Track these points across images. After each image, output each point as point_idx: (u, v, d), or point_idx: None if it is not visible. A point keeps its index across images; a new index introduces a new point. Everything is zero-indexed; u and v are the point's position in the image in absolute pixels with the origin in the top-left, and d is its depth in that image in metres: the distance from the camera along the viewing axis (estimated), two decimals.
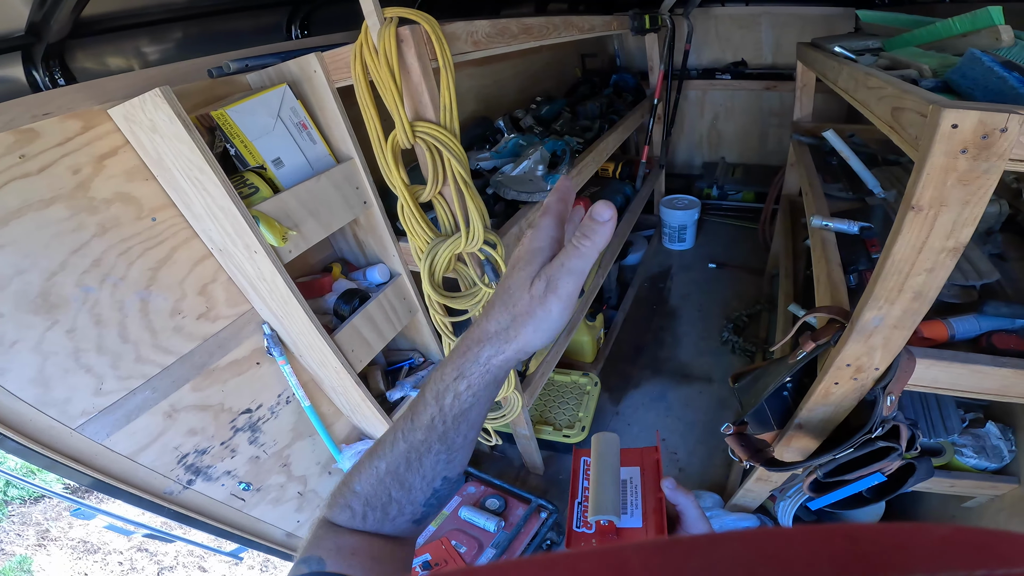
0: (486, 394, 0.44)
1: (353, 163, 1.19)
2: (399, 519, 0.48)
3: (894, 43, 1.26)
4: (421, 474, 0.46)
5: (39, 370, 0.95)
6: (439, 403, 0.44)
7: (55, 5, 0.81)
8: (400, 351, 1.76)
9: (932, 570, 0.12)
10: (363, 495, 0.47)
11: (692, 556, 0.14)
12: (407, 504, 0.47)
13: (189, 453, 1.26)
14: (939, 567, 0.12)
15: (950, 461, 1.22)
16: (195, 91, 1.08)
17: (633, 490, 0.53)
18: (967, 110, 0.56)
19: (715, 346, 2.46)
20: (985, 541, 0.13)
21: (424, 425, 0.45)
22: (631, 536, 0.51)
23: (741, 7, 3.02)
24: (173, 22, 1.14)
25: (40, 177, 0.91)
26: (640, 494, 0.53)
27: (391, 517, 0.47)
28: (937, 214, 0.63)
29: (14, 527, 2.76)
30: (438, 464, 0.46)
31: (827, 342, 0.89)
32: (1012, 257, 1.09)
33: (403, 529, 0.49)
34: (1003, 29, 0.88)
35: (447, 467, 0.47)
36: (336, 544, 0.46)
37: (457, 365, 0.43)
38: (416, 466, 0.46)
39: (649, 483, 0.54)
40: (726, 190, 3.36)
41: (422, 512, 0.49)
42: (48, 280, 0.95)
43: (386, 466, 0.46)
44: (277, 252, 1.06)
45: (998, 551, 0.13)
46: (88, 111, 0.94)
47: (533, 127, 2.00)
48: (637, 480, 0.54)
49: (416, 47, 0.90)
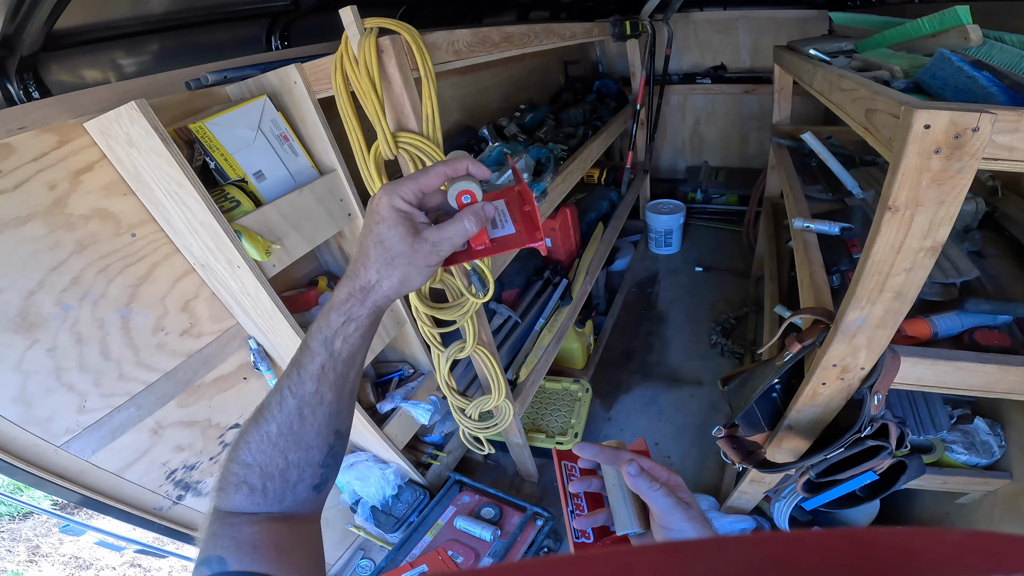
0: (370, 334, 0.49)
1: (336, 175, 1.18)
2: (300, 485, 0.47)
3: (866, 44, 1.28)
4: (316, 429, 0.47)
5: (21, 389, 0.95)
6: (328, 349, 0.46)
7: (27, 17, 0.80)
8: (389, 363, 1.75)
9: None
10: (256, 465, 0.46)
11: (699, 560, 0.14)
12: (306, 466, 0.47)
13: (178, 469, 1.24)
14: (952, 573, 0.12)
15: (940, 458, 1.23)
16: (173, 104, 1.07)
17: (502, 216, 0.54)
18: (939, 110, 0.56)
19: (704, 349, 2.47)
20: (998, 547, 0.13)
21: (314, 375, 0.46)
22: (509, 242, 0.53)
23: (719, 11, 3.07)
24: (149, 34, 1.13)
25: (16, 193, 0.90)
26: (508, 216, 0.54)
27: (292, 483, 0.46)
28: (914, 214, 0.63)
29: (4, 543, 2.70)
30: (330, 416, 0.47)
31: (813, 343, 0.89)
32: (990, 254, 1.11)
33: (304, 499, 0.48)
34: (971, 28, 0.90)
35: (338, 419, 0.49)
36: (235, 539, 0.43)
37: (343, 311, 0.47)
38: (310, 420, 0.46)
39: (514, 202, 0.55)
40: (710, 194, 3.39)
41: (321, 475, 0.49)
42: (27, 299, 0.94)
43: (277, 428, 0.46)
44: (261, 267, 1.04)
45: (1012, 556, 0.12)
46: (63, 125, 0.93)
47: (517, 135, 2.00)
48: (503, 208, 0.54)
49: (397, 57, 0.90)
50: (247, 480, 0.45)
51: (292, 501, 0.47)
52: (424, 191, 0.48)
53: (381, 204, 0.47)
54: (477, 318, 1.27)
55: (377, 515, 1.64)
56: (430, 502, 1.68)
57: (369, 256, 0.47)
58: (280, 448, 0.46)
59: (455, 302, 1.20)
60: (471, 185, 0.49)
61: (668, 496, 0.47)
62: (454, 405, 1.50)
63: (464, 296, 1.18)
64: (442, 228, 0.47)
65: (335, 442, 0.49)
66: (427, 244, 0.46)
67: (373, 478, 1.60)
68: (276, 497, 0.46)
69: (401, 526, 1.63)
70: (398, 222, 0.46)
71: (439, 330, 1.26)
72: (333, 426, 0.48)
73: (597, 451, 0.53)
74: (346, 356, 0.47)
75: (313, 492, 0.48)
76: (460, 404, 1.49)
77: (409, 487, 1.70)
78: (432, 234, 0.47)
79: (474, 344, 1.30)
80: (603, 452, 0.53)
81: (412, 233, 0.46)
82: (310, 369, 0.46)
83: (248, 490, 0.45)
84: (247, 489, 0.45)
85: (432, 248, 0.47)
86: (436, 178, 0.48)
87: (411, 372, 1.71)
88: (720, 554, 0.14)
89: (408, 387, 1.63)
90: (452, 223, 0.48)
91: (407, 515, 1.64)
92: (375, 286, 0.47)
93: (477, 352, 1.34)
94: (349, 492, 1.65)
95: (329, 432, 0.48)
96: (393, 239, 0.46)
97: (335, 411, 0.48)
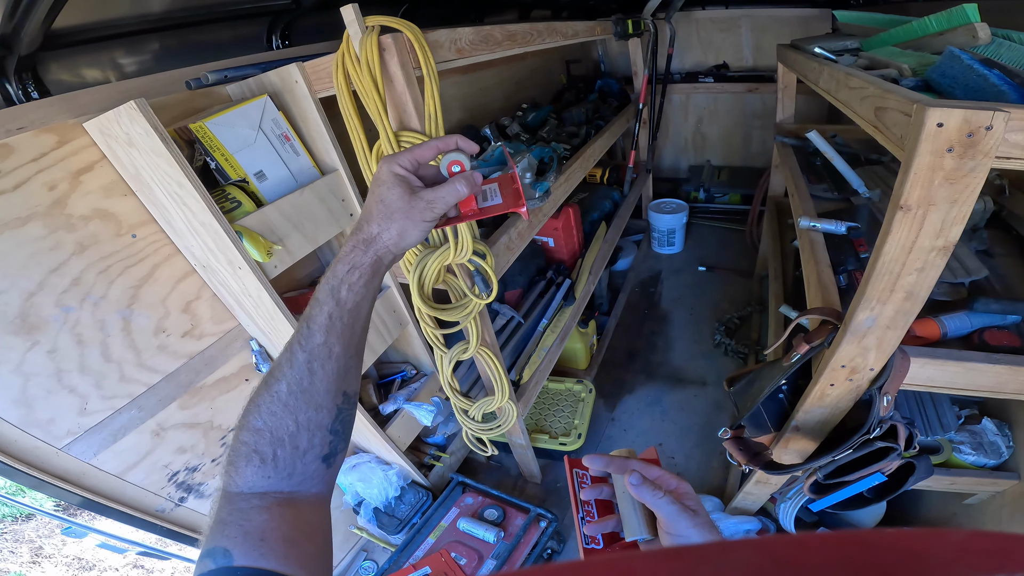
0: (373, 286, 0.53)
1: (338, 175, 1.17)
2: (309, 454, 0.47)
3: (871, 43, 1.27)
4: (325, 386, 0.48)
5: (21, 391, 0.94)
6: (335, 296, 0.50)
7: (25, 16, 0.79)
8: (392, 363, 1.74)
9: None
10: (267, 429, 0.46)
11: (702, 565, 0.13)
12: (316, 430, 0.48)
13: (180, 471, 1.24)
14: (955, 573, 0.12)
15: (948, 459, 1.22)
16: (173, 103, 1.06)
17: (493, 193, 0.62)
18: (952, 108, 0.56)
19: (708, 349, 2.46)
20: (1001, 546, 0.13)
21: (323, 326, 0.49)
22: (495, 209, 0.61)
23: (721, 10, 3.06)
24: (150, 33, 1.12)
25: (16, 194, 0.89)
26: (499, 193, 0.62)
27: (302, 451, 0.47)
28: (926, 213, 0.62)
29: (7, 544, 2.71)
30: (338, 372, 0.49)
31: (820, 344, 0.88)
32: (998, 253, 1.10)
33: (314, 472, 0.48)
34: (979, 26, 0.88)
35: (346, 377, 0.51)
36: (243, 528, 0.42)
37: (348, 261, 0.51)
38: (320, 375, 0.48)
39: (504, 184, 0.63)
40: (713, 193, 3.38)
41: (331, 443, 0.49)
42: (27, 300, 0.93)
43: (287, 386, 0.47)
44: (262, 268, 1.04)
45: (1015, 555, 0.12)
46: (63, 125, 0.92)
47: (519, 134, 1.99)
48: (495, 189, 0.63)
49: (399, 55, 0.89)
50: (257, 448, 0.46)
51: (302, 474, 0.47)
52: (419, 161, 0.55)
53: (382, 171, 0.53)
54: (480, 319, 1.26)
55: (380, 517, 1.63)
56: (433, 503, 1.67)
57: (372, 212, 0.53)
58: (291, 408, 0.47)
59: (458, 303, 1.19)
60: (460, 156, 0.56)
61: (673, 504, 0.47)
62: (457, 407, 1.49)
63: (467, 297, 1.17)
64: (436, 189, 0.54)
65: (343, 404, 0.50)
66: (422, 202, 0.53)
67: (376, 479, 1.60)
68: (286, 467, 0.46)
69: (404, 528, 1.62)
70: (396, 183, 0.52)
71: (442, 331, 1.25)
72: (341, 385, 0.50)
73: (607, 462, 0.54)
74: (351, 306, 0.50)
75: (323, 464, 0.49)
76: (463, 405, 1.48)
77: (412, 488, 1.69)
78: (427, 193, 0.53)
79: (477, 345, 1.29)
80: (612, 463, 0.54)
81: (409, 192, 0.53)
82: (319, 320, 0.49)
83: (259, 460, 0.45)
84: (258, 460, 0.45)
85: (427, 205, 0.53)
86: (429, 150, 0.55)
87: (414, 373, 1.70)
88: (723, 558, 0.14)
89: (411, 388, 1.62)
90: (445, 185, 0.54)
91: (410, 517, 1.64)
92: (376, 237, 0.52)
93: (480, 353, 1.33)
94: (352, 493, 1.64)
95: (337, 392, 0.49)
96: (392, 197, 0.52)
97: (343, 367, 0.50)
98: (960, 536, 0.13)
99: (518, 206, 0.59)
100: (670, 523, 0.47)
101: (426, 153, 0.55)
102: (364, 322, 0.53)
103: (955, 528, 0.12)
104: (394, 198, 0.52)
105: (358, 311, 0.51)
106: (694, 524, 0.46)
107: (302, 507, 0.46)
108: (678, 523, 0.47)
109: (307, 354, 0.48)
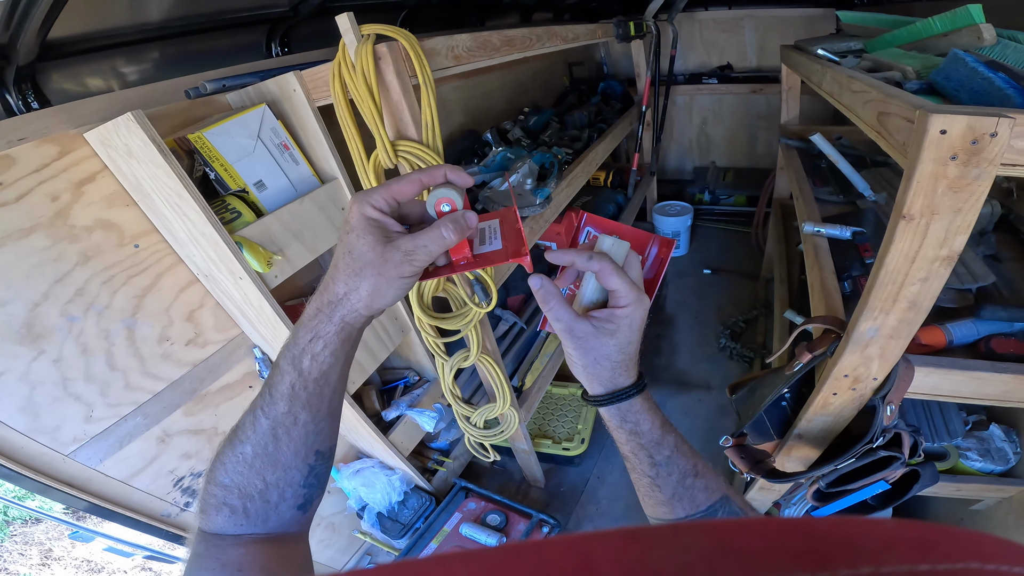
0: (343, 353, 0.45)
1: (338, 183, 1.17)
2: (282, 505, 0.45)
3: (876, 44, 1.25)
4: (293, 450, 0.45)
5: (28, 399, 0.95)
6: (297, 368, 0.44)
7: (20, 26, 0.79)
8: (395, 370, 1.74)
9: (878, 563, 0.13)
10: (235, 487, 0.44)
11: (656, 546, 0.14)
12: (286, 487, 0.45)
13: (185, 476, 1.25)
14: (885, 561, 0.13)
15: (955, 465, 1.20)
16: (172, 113, 1.06)
17: (492, 233, 0.52)
18: (955, 115, 0.54)
19: (713, 353, 2.44)
20: (929, 537, 0.14)
21: (285, 395, 0.44)
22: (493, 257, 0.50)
23: (724, 11, 3.04)
24: (149, 42, 1.12)
25: (18, 205, 0.90)
26: (499, 234, 0.52)
27: (273, 504, 0.45)
28: (929, 223, 0.61)
29: (17, 547, 2.74)
30: (307, 436, 0.45)
31: (823, 353, 0.87)
32: (1006, 258, 1.08)
33: (289, 520, 0.46)
34: (984, 27, 0.87)
35: (317, 439, 0.46)
36: (220, 561, 0.42)
37: (310, 328, 0.44)
38: (285, 441, 0.44)
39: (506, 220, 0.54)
40: (718, 195, 3.36)
41: (304, 495, 0.47)
42: (32, 311, 0.94)
43: (252, 449, 0.44)
44: (263, 278, 1.04)
45: (940, 547, 0.13)
46: (64, 135, 0.93)
47: (521, 139, 1.98)
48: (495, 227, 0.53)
49: (395, 64, 0.89)
50: (227, 502, 0.44)
51: (277, 521, 0.45)
52: (397, 199, 0.45)
53: (351, 213, 0.44)
54: (481, 327, 1.26)
55: (383, 521, 1.63)
56: (436, 508, 1.67)
57: (338, 268, 0.44)
58: (257, 469, 0.44)
59: (458, 312, 1.19)
60: (450, 193, 0.46)
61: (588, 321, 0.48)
62: (459, 413, 1.49)
63: (467, 306, 1.17)
64: (416, 236, 0.44)
65: (316, 462, 0.47)
66: (398, 253, 0.43)
67: (379, 484, 1.60)
68: (259, 518, 0.44)
69: (407, 532, 1.62)
70: (368, 231, 0.43)
71: (443, 339, 1.25)
72: (312, 446, 0.46)
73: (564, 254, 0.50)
74: (317, 375, 0.44)
75: (298, 512, 0.47)
76: (465, 412, 1.48)
77: (415, 493, 1.69)
78: (405, 243, 0.43)
79: (478, 353, 1.28)
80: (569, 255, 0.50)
81: (383, 242, 0.43)
82: (280, 389, 0.44)
83: (229, 511, 0.44)
84: (228, 511, 0.44)
85: (404, 257, 0.43)
86: (410, 185, 0.45)
87: (416, 379, 1.70)
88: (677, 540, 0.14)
89: (413, 394, 1.62)
90: (428, 231, 0.44)
91: (413, 521, 1.64)
92: (342, 299, 0.43)
93: (481, 361, 1.33)
94: (355, 498, 1.65)
95: (308, 452, 0.46)
96: (362, 248, 0.43)
97: (312, 431, 0.45)
98: (891, 526, 0.14)
99: (519, 254, 0.48)
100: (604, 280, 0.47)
101: (406, 189, 0.45)
102: (337, 384, 0.47)
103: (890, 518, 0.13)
104: (364, 248, 0.42)
105: (326, 379, 0.45)
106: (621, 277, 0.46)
107: (279, 543, 0.45)
108: (609, 279, 0.46)
109: (271, 421, 0.44)
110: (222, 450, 0.45)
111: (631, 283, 0.47)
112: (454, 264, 0.49)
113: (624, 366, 0.49)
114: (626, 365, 0.49)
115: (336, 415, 0.49)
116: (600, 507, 1.84)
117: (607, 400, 0.49)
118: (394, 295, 0.44)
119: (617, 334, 0.47)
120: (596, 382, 0.49)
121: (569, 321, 0.47)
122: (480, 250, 0.51)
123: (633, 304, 0.47)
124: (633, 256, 0.51)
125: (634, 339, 0.48)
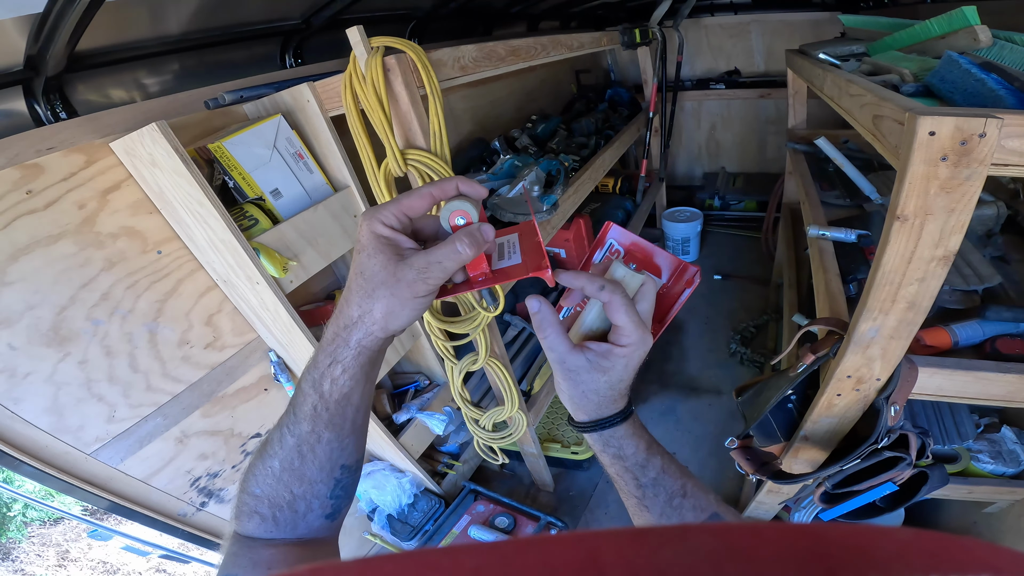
0: (363, 375, 0.45)
1: (350, 191, 1.21)
2: (310, 515, 0.46)
3: (877, 47, 1.26)
4: (318, 465, 0.45)
5: (53, 399, 0.99)
6: (318, 391, 0.44)
7: (49, 39, 0.83)
8: (405, 374, 1.77)
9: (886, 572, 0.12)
10: (265, 497, 0.45)
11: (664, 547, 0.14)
12: (313, 499, 0.46)
13: (201, 476, 1.28)
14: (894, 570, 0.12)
15: (966, 467, 1.19)
16: (193, 123, 1.10)
17: (511, 247, 0.50)
18: (943, 116, 0.55)
19: (723, 358, 2.43)
20: (941, 546, 0.13)
21: (307, 415, 0.44)
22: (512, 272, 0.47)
23: (730, 16, 3.05)
24: (169, 54, 1.17)
25: (47, 213, 0.94)
26: (518, 248, 0.50)
27: (302, 514, 0.46)
28: (923, 223, 0.62)
29: (34, 548, 2.80)
30: (332, 453, 0.46)
31: (826, 354, 0.88)
32: (1014, 259, 1.08)
33: (319, 527, 0.47)
34: (980, 29, 0.88)
35: (342, 455, 0.46)
36: (251, 560, 0.44)
37: (329, 352, 0.43)
38: (310, 458, 0.45)
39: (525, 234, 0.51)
40: (728, 200, 3.35)
41: (332, 505, 0.48)
42: (59, 315, 0.98)
43: (279, 464, 0.45)
44: (279, 283, 1.07)
45: (952, 556, 0.13)
46: (91, 145, 0.97)
47: (529, 147, 2.01)
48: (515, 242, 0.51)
49: (403, 75, 0.92)
50: (258, 510, 0.45)
51: (305, 529, 0.47)
52: (408, 214, 0.43)
53: (361, 232, 0.42)
54: (489, 331, 1.28)
55: (393, 523, 1.65)
56: (445, 511, 1.69)
57: (351, 289, 0.42)
58: (284, 482, 0.45)
59: (467, 316, 1.21)
60: (465, 205, 0.44)
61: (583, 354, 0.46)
62: (468, 416, 1.51)
63: (476, 310, 1.19)
64: (430, 252, 0.41)
65: (342, 476, 0.47)
66: (412, 271, 0.41)
67: (389, 487, 1.62)
68: (288, 525, 0.46)
69: (416, 534, 1.64)
70: (379, 249, 0.41)
71: (452, 343, 1.28)
72: (338, 461, 0.46)
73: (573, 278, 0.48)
74: (338, 397, 0.44)
75: (326, 520, 0.48)
76: (474, 415, 1.50)
77: (425, 496, 1.71)
78: (418, 260, 0.41)
79: (487, 357, 1.31)
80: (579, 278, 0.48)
81: (395, 260, 0.41)
82: (304, 409, 0.44)
83: (260, 519, 0.45)
84: (259, 518, 0.45)
85: (418, 275, 0.41)
86: (421, 200, 0.43)
87: (427, 383, 1.73)
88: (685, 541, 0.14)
89: (424, 398, 1.64)
90: (441, 246, 0.42)
91: (422, 524, 1.66)
92: (357, 322, 0.42)
93: (490, 364, 1.35)
94: (366, 500, 1.67)
95: (333, 467, 0.46)
96: (374, 268, 0.41)
97: (336, 448, 0.46)
98: (904, 535, 0.14)
99: (540, 267, 0.45)
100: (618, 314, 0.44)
101: (417, 203, 0.43)
102: (360, 402, 0.46)
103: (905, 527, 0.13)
104: (376, 268, 0.41)
105: (347, 400, 0.44)
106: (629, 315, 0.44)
107: (308, 546, 0.47)
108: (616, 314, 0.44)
109: (296, 439, 0.44)
110: (254, 462, 0.47)
111: (638, 321, 0.45)
112: (472, 280, 0.47)
113: (612, 400, 0.47)
114: (614, 399, 0.47)
115: (361, 431, 0.49)
116: (609, 511, 1.84)
117: (590, 427, 0.48)
118: (409, 315, 0.43)
119: (611, 372, 0.46)
120: (581, 411, 0.48)
121: (563, 352, 0.46)
122: (499, 265, 0.48)
123: (634, 345, 0.45)
124: (648, 288, 0.48)
125: (627, 377, 0.47)
